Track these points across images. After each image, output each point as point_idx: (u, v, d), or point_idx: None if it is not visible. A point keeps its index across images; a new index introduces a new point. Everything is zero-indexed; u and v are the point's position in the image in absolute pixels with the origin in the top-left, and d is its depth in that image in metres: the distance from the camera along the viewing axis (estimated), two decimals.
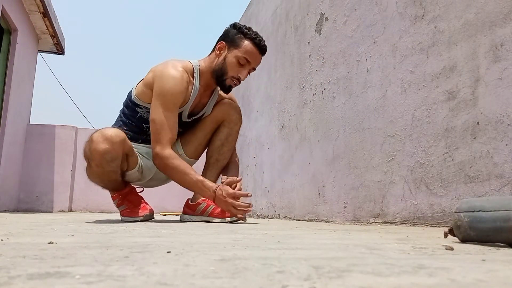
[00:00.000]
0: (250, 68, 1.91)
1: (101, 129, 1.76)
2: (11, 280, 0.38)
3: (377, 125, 1.95)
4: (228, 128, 2.04)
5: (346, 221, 2.12)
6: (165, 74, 1.82)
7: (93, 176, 1.83)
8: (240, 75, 1.89)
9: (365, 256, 0.61)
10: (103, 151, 1.68)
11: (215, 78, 1.92)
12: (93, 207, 5.13)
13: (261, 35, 1.94)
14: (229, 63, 1.87)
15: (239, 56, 1.86)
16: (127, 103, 1.97)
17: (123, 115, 1.99)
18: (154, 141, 1.81)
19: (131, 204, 1.92)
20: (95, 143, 1.68)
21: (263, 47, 1.91)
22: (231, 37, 1.91)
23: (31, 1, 4.42)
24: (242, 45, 1.87)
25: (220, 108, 2.05)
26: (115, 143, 1.70)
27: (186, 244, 0.77)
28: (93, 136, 1.71)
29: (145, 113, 1.93)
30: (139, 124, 1.95)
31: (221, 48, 1.92)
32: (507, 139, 1.29)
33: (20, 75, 4.66)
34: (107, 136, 1.68)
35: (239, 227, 1.47)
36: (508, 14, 1.33)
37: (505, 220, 0.77)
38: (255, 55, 1.89)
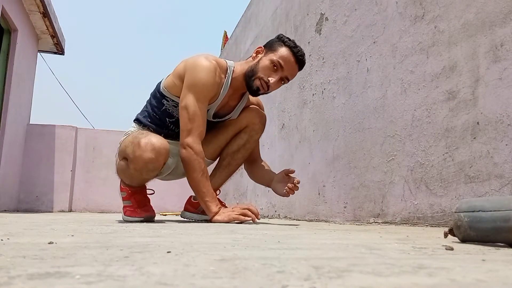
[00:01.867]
0: (283, 76, 1.84)
1: (148, 135, 1.75)
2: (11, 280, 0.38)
3: (377, 125, 1.95)
4: (249, 136, 2.02)
5: (346, 221, 2.12)
6: (198, 64, 1.80)
7: (125, 176, 1.83)
8: (270, 78, 1.82)
9: (365, 256, 0.61)
10: (148, 160, 1.69)
11: (245, 79, 1.87)
12: (93, 207, 5.13)
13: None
14: (262, 64, 1.84)
15: (273, 59, 1.82)
16: (155, 93, 1.95)
17: (149, 105, 1.97)
18: (186, 130, 1.78)
19: (136, 203, 1.90)
20: (142, 150, 1.68)
21: (301, 57, 1.84)
22: (271, 43, 1.89)
23: (31, 1, 4.42)
24: (278, 49, 1.84)
25: (246, 114, 2.02)
26: (161, 154, 1.71)
27: (186, 244, 0.77)
28: (141, 141, 1.70)
29: (171, 107, 1.90)
30: (163, 118, 1.93)
31: (258, 52, 1.90)
32: (507, 139, 1.29)
33: (20, 75, 4.66)
34: (155, 146, 1.69)
35: (239, 227, 1.47)
36: (508, 14, 1.33)
37: (505, 220, 0.77)
38: (290, 63, 1.83)
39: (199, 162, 1.77)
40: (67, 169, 5.11)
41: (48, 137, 5.10)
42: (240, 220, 1.73)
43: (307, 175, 2.60)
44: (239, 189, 4.11)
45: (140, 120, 1.96)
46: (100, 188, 5.14)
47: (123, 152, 1.80)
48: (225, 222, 1.71)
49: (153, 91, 1.98)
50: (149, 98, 1.99)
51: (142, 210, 1.90)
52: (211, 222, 1.77)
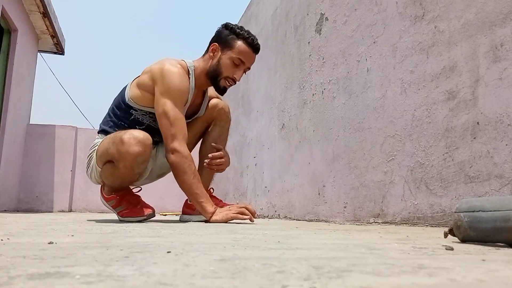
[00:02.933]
0: (245, 68, 1.91)
1: (129, 131, 1.74)
2: (11, 280, 0.38)
3: (377, 125, 1.95)
4: (220, 127, 2.05)
5: (346, 221, 2.12)
6: (167, 72, 1.80)
7: (114, 178, 1.82)
8: (235, 75, 1.89)
9: (365, 256, 0.61)
10: (136, 153, 1.68)
11: (210, 79, 1.91)
12: (93, 207, 5.13)
13: (256, 35, 1.95)
14: (224, 64, 1.87)
15: (233, 57, 1.86)
16: (119, 105, 1.93)
17: (113, 115, 1.94)
18: (170, 136, 1.77)
19: (130, 204, 1.90)
20: (127, 145, 1.68)
21: (256, 45, 1.91)
22: (224, 38, 1.90)
23: (31, 1, 4.42)
24: (235, 45, 1.87)
25: (210, 108, 2.06)
26: (147, 146, 1.71)
27: (186, 244, 0.77)
28: (124, 138, 1.69)
29: (140, 115, 1.90)
30: (133, 126, 1.91)
31: (214, 50, 1.91)
32: (507, 139, 1.29)
33: (20, 75, 4.66)
34: (139, 139, 1.69)
35: (239, 227, 1.47)
36: (508, 14, 1.33)
37: (505, 220, 0.77)
38: (249, 55, 1.89)
39: (189, 165, 1.77)
40: (67, 169, 5.10)
41: (48, 137, 5.10)
42: (237, 219, 1.73)
43: (307, 175, 2.60)
44: (239, 189, 4.11)
45: (107, 131, 1.92)
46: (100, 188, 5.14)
47: (105, 156, 1.79)
48: (223, 222, 1.71)
49: (117, 101, 1.95)
50: (112, 108, 1.97)
51: (139, 209, 1.89)
52: (209, 222, 1.77)
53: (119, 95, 1.97)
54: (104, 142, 1.82)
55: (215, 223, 1.72)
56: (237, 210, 1.75)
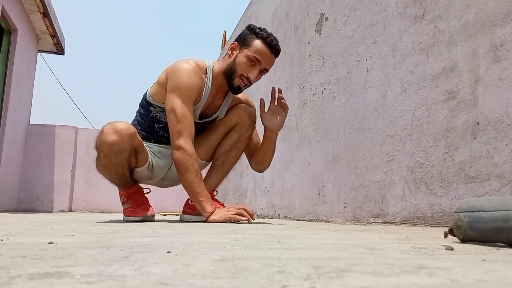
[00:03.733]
0: (262, 69, 1.87)
1: (113, 121, 1.77)
2: (11, 280, 0.38)
3: (377, 125, 1.95)
4: (239, 134, 2.02)
5: (346, 221, 2.12)
6: (177, 69, 1.82)
7: (101, 168, 1.84)
8: (250, 74, 1.85)
9: (365, 256, 0.61)
10: (111, 142, 1.69)
11: (225, 78, 1.90)
12: (93, 207, 5.13)
13: None
14: (239, 62, 1.85)
15: (249, 55, 1.84)
16: (142, 103, 2.00)
17: (138, 114, 2.03)
18: (175, 132, 1.78)
19: (134, 203, 1.92)
20: (105, 134, 1.71)
21: (275, 46, 1.86)
22: (243, 37, 1.90)
23: (31, 1, 4.42)
24: (252, 44, 1.85)
25: (234, 112, 2.03)
26: (124, 136, 1.72)
27: (186, 244, 0.77)
28: (104, 127, 1.73)
29: (158, 113, 1.94)
30: (151, 124, 1.97)
31: (233, 49, 1.91)
32: (507, 139, 1.29)
33: (20, 75, 4.66)
34: (116, 129, 1.70)
35: (239, 227, 1.47)
36: (508, 14, 1.33)
37: (505, 220, 0.77)
38: (266, 55, 1.85)
39: (192, 163, 1.77)
40: (67, 169, 5.10)
41: (48, 137, 5.10)
42: (235, 220, 1.72)
43: (307, 175, 2.60)
44: (239, 189, 4.11)
45: None
46: (100, 188, 5.14)
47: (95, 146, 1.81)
48: (221, 222, 1.71)
49: (141, 101, 2.03)
50: (138, 108, 2.05)
51: (141, 209, 1.92)
52: (207, 222, 1.77)
53: (144, 94, 2.03)
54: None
55: (215, 223, 1.72)
56: (236, 211, 1.74)
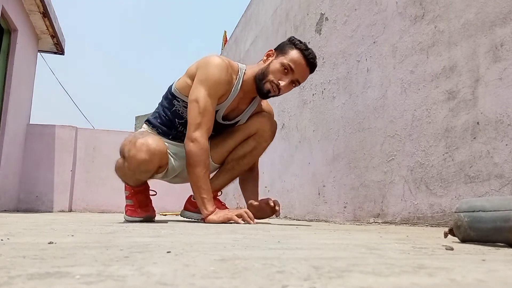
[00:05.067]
0: (294, 79, 1.81)
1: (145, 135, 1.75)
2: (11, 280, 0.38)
3: (377, 125, 1.95)
4: (257, 143, 1.98)
5: (346, 221, 2.12)
6: (210, 62, 1.80)
7: (121, 174, 1.84)
8: (281, 81, 1.79)
9: (365, 256, 0.61)
10: (141, 161, 1.69)
11: (256, 82, 1.85)
12: (93, 207, 5.13)
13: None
14: (272, 68, 1.81)
15: (284, 62, 1.79)
16: (167, 95, 1.96)
17: (160, 106, 1.98)
18: (194, 124, 1.76)
19: (137, 203, 1.90)
20: (137, 149, 1.68)
21: (312, 60, 1.80)
22: (282, 46, 1.87)
23: (31, 1, 4.42)
24: (289, 52, 1.81)
25: (256, 120, 1.99)
26: (155, 156, 1.71)
27: (186, 244, 0.77)
28: (138, 141, 1.70)
29: (181, 108, 1.90)
30: (173, 119, 1.92)
31: (269, 55, 1.87)
32: (507, 139, 1.29)
33: (20, 75, 4.66)
34: (150, 148, 1.69)
35: (239, 227, 1.47)
36: (508, 14, 1.33)
37: (505, 220, 0.77)
38: (301, 66, 1.80)
39: (204, 158, 1.76)
40: (67, 169, 5.10)
41: (48, 137, 5.09)
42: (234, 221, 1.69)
43: (307, 175, 2.60)
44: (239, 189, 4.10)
45: (150, 121, 1.97)
46: (100, 188, 5.14)
47: (121, 151, 1.80)
48: (219, 223, 1.69)
49: (165, 93, 1.98)
50: (161, 100, 2.00)
51: (142, 210, 1.90)
52: (204, 221, 1.76)
53: (169, 87, 1.99)
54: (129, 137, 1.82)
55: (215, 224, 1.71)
56: (236, 212, 1.74)
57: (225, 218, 1.70)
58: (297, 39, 1.86)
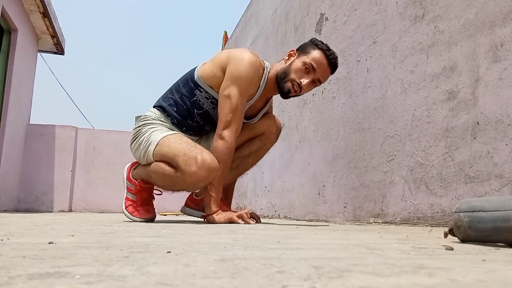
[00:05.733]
0: (315, 79, 1.81)
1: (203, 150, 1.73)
2: (11, 280, 0.38)
3: (377, 125, 1.95)
4: (262, 143, 2.00)
5: (346, 221, 2.12)
6: (245, 58, 1.77)
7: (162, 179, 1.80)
8: (302, 80, 1.79)
9: (365, 256, 0.61)
10: (202, 178, 1.69)
11: (277, 81, 1.84)
12: (93, 207, 5.13)
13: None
14: (294, 67, 1.81)
15: (306, 61, 1.79)
16: (187, 81, 1.88)
17: (177, 93, 1.90)
18: (225, 121, 1.75)
19: (140, 200, 1.89)
20: (199, 167, 1.67)
21: (333, 60, 1.82)
22: (304, 46, 1.87)
23: (31, 1, 4.42)
24: (311, 52, 1.81)
25: (264, 121, 2.00)
26: (213, 173, 1.71)
27: (186, 244, 0.77)
28: (198, 157, 1.68)
29: (203, 98, 1.85)
30: (191, 108, 1.88)
31: (291, 55, 1.87)
32: (507, 139, 1.29)
33: (20, 75, 4.66)
34: (211, 166, 1.69)
35: (239, 227, 1.47)
36: (508, 14, 1.33)
37: (505, 220, 0.77)
38: (323, 65, 1.80)
39: (228, 157, 1.76)
40: (67, 169, 5.10)
41: (48, 137, 5.09)
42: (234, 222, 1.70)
43: (307, 175, 2.60)
44: (239, 189, 4.11)
45: (165, 109, 1.89)
46: (100, 188, 5.14)
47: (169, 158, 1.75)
48: (220, 223, 1.70)
49: (184, 79, 1.90)
50: (177, 85, 1.92)
51: (144, 210, 1.90)
52: (205, 219, 1.77)
53: (187, 73, 1.92)
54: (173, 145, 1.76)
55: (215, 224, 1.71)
56: (238, 213, 1.74)
57: (226, 219, 1.71)
58: (319, 40, 1.86)
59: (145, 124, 1.88)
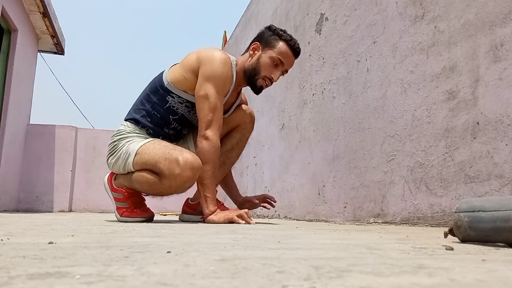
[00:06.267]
0: (283, 70, 1.89)
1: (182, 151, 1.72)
2: (11, 280, 0.38)
3: (377, 125, 1.95)
4: (241, 134, 2.03)
5: (346, 221, 2.12)
6: (215, 57, 1.78)
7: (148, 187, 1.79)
8: (273, 75, 1.85)
9: (365, 256, 0.61)
10: (187, 179, 1.69)
11: (247, 78, 1.88)
12: (93, 207, 5.13)
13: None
14: (263, 63, 1.85)
15: (273, 56, 1.84)
16: (156, 89, 1.86)
17: (147, 103, 1.87)
18: (206, 121, 1.76)
19: (132, 204, 1.87)
20: (182, 168, 1.67)
21: (297, 49, 1.89)
22: (266, 38, 1.89)
23: (31, 1, 4.42)
24: (276, 46, 1.85)
25: (237, 113, 2.03)
26: (198, 172, 1.71)
27: (186, 244, 0.77)
28: (179, 159, 1.68)
29: (176, 103, 1.84)
30: (166, 116, 1.86)
31: (255, 49, 1.90)
32: (507, 139, 1.29)
33: (20, 75, 4.66)
34: (194, 165, 1.69)
35: (239, 227, 1.47)
36: (508, 14, 1.33)
37: (505, 220, 0.77)
38: (289, 57, 1.87)
39: (215, 156, 1.77)
40: (67, 169, 5.10)
41: (48, 137, 5.10)
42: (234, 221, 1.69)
43: (307, 175, 2.60)
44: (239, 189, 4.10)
45: (138, 120, 1.86)
46: (100, 188, 5.14)
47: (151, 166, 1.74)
48: (220, 223, 1.69)
49: (153, 87, 1.88)
50: (146, 95, 1.89)
51: (141, 210, 1.89)
52: (204, 220, 1.76)
53: (154, 80, 1.90)
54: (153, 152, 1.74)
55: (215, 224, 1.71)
56: (236, 213, 1.74)
57: (226, 219, 1.70)
58: (278, 28, 1.90)
59: (121, 139, 1.85)
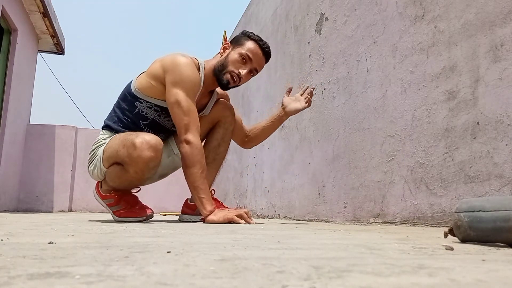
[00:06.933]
0: (252, 68, 1.91)
1: (138, 133, 1.73)
2: (11, 280, 0.38)
3: (377, 125, 1.95)
4: (224, 129, 2.04)
5: (346, 221, 2.12)
6: (180, 62, 1.80)
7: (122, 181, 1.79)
8: (241, 70, 1.87)
9: (365, 256, 0.61)
10: (148, 159, 1.67)
11: (215, 75, 1.91)
12: (93, 207, 5.13)
13: (262, 36, 1.97)
14: (231, 59, 1.89)
15: (241, 52, 1.88)
16: (125, 96, 1.90)
17: (118, 109, 1.92)
18: (183, 126, 1.76)
19: (127, 204, 1.86)
20: (140, 150, 1.66)
21: (266, 49, 1.93)
22: (237, 38, 1.96)
23: (31, 1, 4.42)
24: (245, 43, 1.91)
25: (216, 109, 2.04)
26: (158, 150, 1.70)
27: (186, 244, 0.77)
28: (136, 142, 1.67)
29: (145, 108, 1.87)
30: (136, 120, 1.89)
31: (225, 48, 1.95)
32: (507, 139, 1.29)
33: (20, 75, 4.66)
34: (151, 144, 1.67)
35: (239, 227, 1.47)
36: (508, 14, 1.33)
37: (505, 220, 0.77)
38: (258, 55, 1.91)
39: (200, 158, 1.77)
40: (67, 169, 5.10)
41: (48, 137, 5.09)
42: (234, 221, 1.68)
43: (307, 175, 2.60)
44: (239, 189, 4.11)
45: (111, 127, 1.90)
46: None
47: (114, 158, 1.76)
48: (219, 223, 1.68)
49: (122, 94, 1.93)
50: (117, 102, 1.95)
51: (139, 208, 1.87)
52: (204, 221, 1.75)
53: (125, 88, 1.95)
54: (113, 143, 1.78)
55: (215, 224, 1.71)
56: (236, 213, 1.73)
57: (225, 219, 1.69)
58: (250, 31, 1.98)
59: (98, 146, 1.89)
